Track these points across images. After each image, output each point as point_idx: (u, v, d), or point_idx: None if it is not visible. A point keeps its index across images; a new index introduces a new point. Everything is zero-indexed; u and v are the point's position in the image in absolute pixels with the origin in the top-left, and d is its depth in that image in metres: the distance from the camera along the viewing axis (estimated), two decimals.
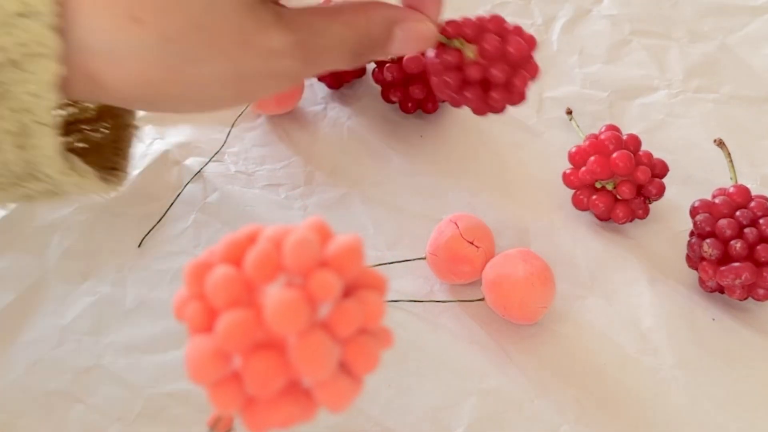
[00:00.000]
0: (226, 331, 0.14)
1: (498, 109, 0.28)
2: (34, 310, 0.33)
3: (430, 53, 0.27)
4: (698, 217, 0.33)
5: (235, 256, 0.15)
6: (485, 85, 0.27)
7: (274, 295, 0.14)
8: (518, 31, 0.27)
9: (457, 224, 0.33)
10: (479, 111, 0.28)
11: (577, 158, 0.36)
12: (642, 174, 0.34)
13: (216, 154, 0.39)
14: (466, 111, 0.42)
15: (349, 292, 0.16)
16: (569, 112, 0.41)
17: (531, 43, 0.27)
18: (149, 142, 0.40)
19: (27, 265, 0.34)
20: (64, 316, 0.33)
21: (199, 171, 0.38)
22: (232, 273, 0.15)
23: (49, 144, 0.21)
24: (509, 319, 0.32)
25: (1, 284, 0.34)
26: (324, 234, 0.16)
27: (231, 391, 0.15)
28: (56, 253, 0.35)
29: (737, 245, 0.31)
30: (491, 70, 0.26)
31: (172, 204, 0.37)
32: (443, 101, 0.41)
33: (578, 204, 0.36)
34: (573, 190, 0.37)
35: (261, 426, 0.15)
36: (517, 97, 0.28)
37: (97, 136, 0.27)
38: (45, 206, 0.36)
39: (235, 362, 0.15)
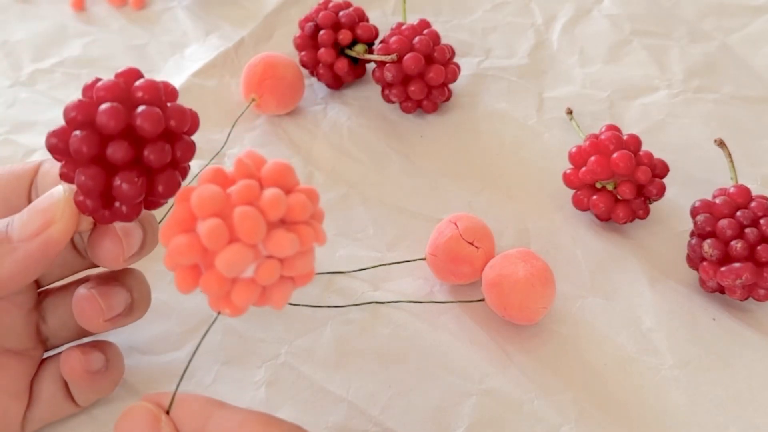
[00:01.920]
0: (199, 198, 0.20)
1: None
2: None
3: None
4: (699, 218, 0.33)
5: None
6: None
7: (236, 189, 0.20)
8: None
9: (456, 225, 0.33)
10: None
11: (577, 158, 0.36)
12: (642, 174, 0.34)
13: (216, 155, 0.39)
14: (465, 111, 0.43)
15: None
16: (569, 112, 0.41)
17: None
18: None
19: None
20: None
21: (198, 173, 0.38)
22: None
23: None
24: (509, 319, 0.32)
25: None
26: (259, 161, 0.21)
27: (191, 247, 0.20)
28: None
29: (738, 245, 0.31)
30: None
31: (172, 205, 0.37)
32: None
33: (578, 204, 0.36)
34: (573, 190, 0.37)
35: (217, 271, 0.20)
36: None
37: None
38: None
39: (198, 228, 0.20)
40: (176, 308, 0.33)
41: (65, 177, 0.22)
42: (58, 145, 0.22)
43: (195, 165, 0.39)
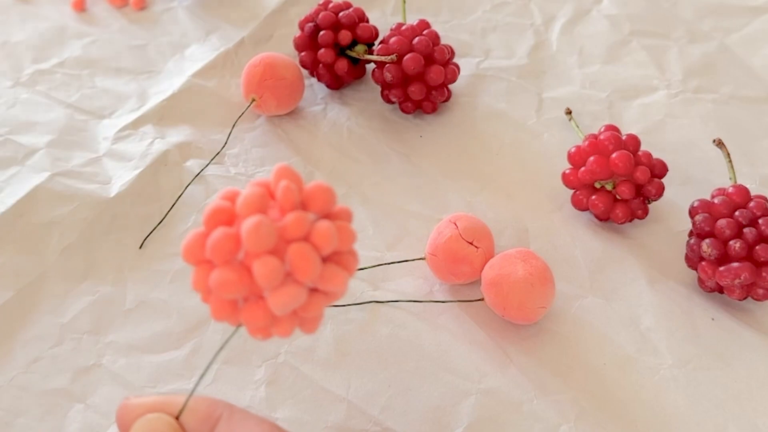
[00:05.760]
0: (252, 232, 0.19)
1: None
2: (33, 308, 0.33)
3: None
4: (697, 217, 0.33)
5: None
6: None
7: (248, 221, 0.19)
8: None
9: (456, 224, 0.33)
10: None
11: (576, 158, 0.36)
12: (641, 174, 0.34)
13: (216, 156, 0.40)
14: (465, 111, 0.43)
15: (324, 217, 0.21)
16: (569, 112, 0.41)
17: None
18: (150, 142, 0.40)
19: (26, 262, 0.34)
20: (63, 315, 0.33)
21: (199, 173, 0.39)
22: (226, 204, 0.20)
23: None
24: (509, 319, 0.32)
25: (0, 281, 0.34)
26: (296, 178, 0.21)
27: (241, 283, 0.19)
28: (56, 251, 0.35)
29: (736, 245, 0.31)
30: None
31: (173, 206, 0.37)
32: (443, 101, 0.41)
33: (578, 204, 0.36)
34: (572, 190, 0.37)
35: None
36: None
37: None
38: (45, 204, 0.36)
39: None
40: (176, 308, 0.33)
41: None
42: None
43: (196, 164, 0.39)
